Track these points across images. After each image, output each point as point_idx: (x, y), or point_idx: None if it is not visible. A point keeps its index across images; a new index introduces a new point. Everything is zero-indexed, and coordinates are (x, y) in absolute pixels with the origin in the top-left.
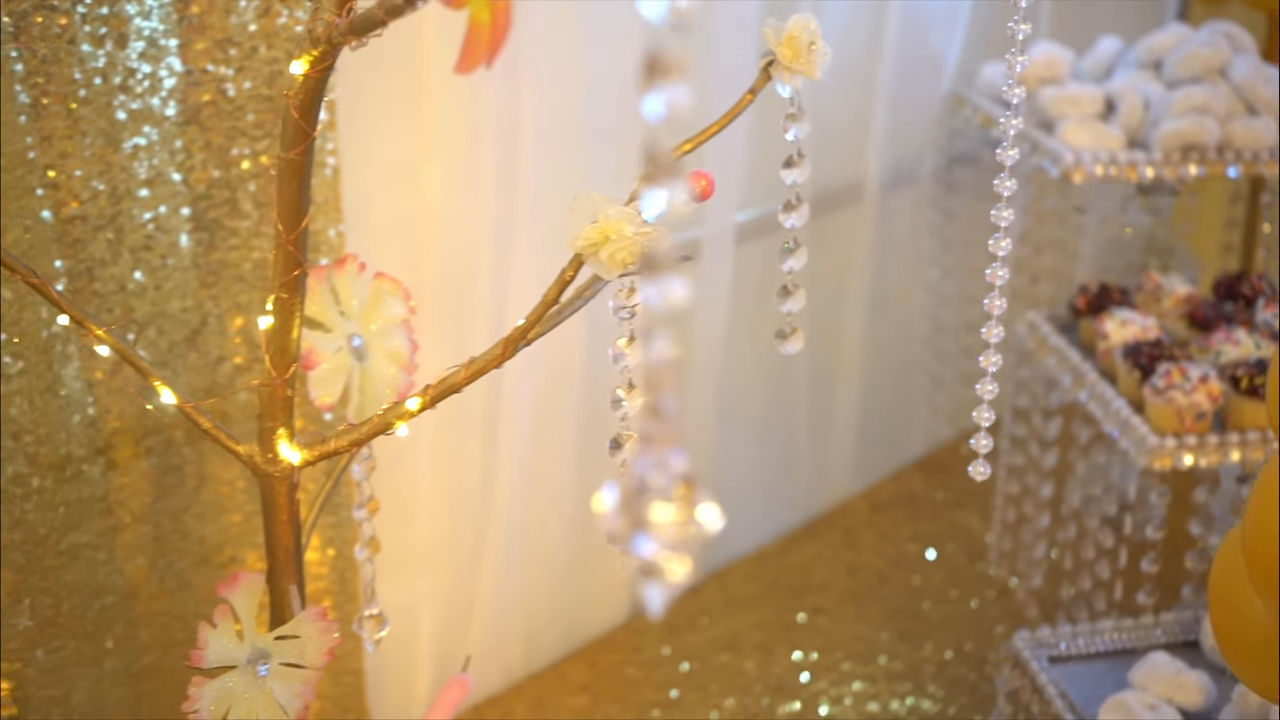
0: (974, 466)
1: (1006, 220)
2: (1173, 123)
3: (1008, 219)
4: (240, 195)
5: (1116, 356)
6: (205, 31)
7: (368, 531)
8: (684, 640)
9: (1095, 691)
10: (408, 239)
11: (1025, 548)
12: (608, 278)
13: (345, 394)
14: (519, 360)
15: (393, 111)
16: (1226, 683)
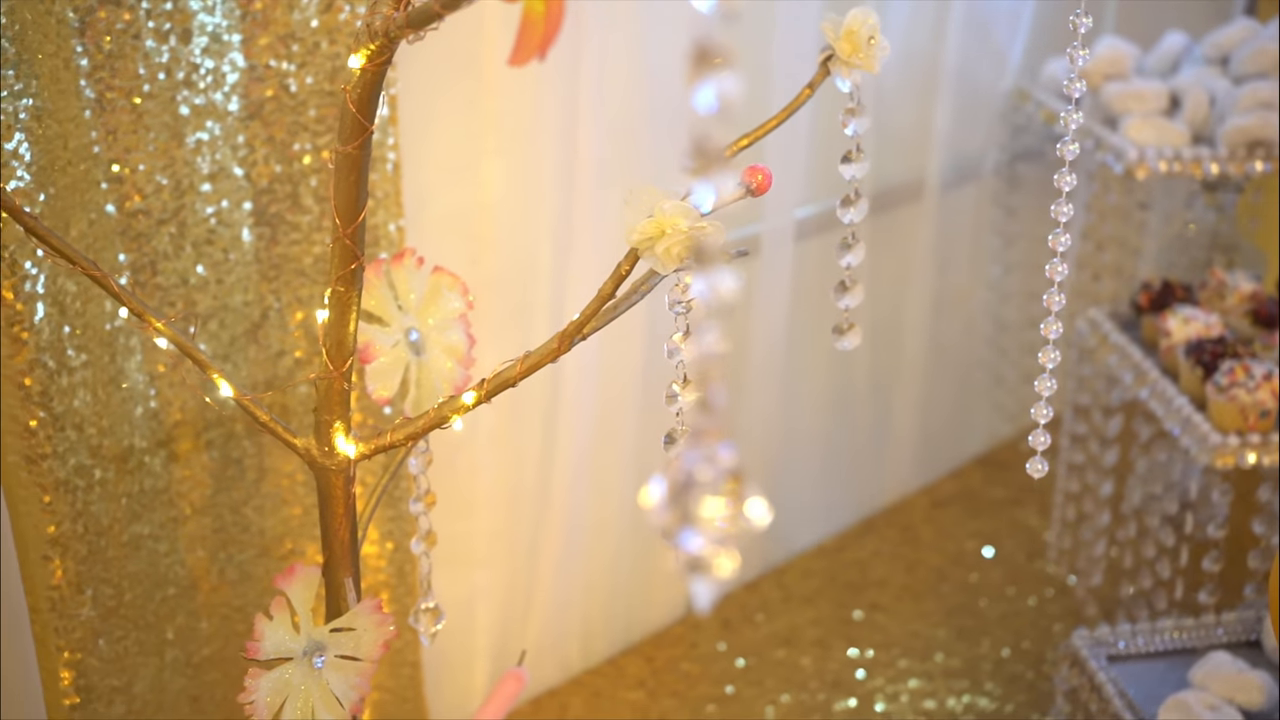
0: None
1: (1066, 215)
2: (1239, 118)
3: (1068, 214)
4: (302, 190)
5: (1179, 354)
6: (268, 27)
7: (425, 525)
8: (741, 636)
9: (1155, 691)
10: (467, 234)
11: (1084, 545)
12: (663, 272)
13: (403, 388)
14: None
15: (454, 107)
16: None
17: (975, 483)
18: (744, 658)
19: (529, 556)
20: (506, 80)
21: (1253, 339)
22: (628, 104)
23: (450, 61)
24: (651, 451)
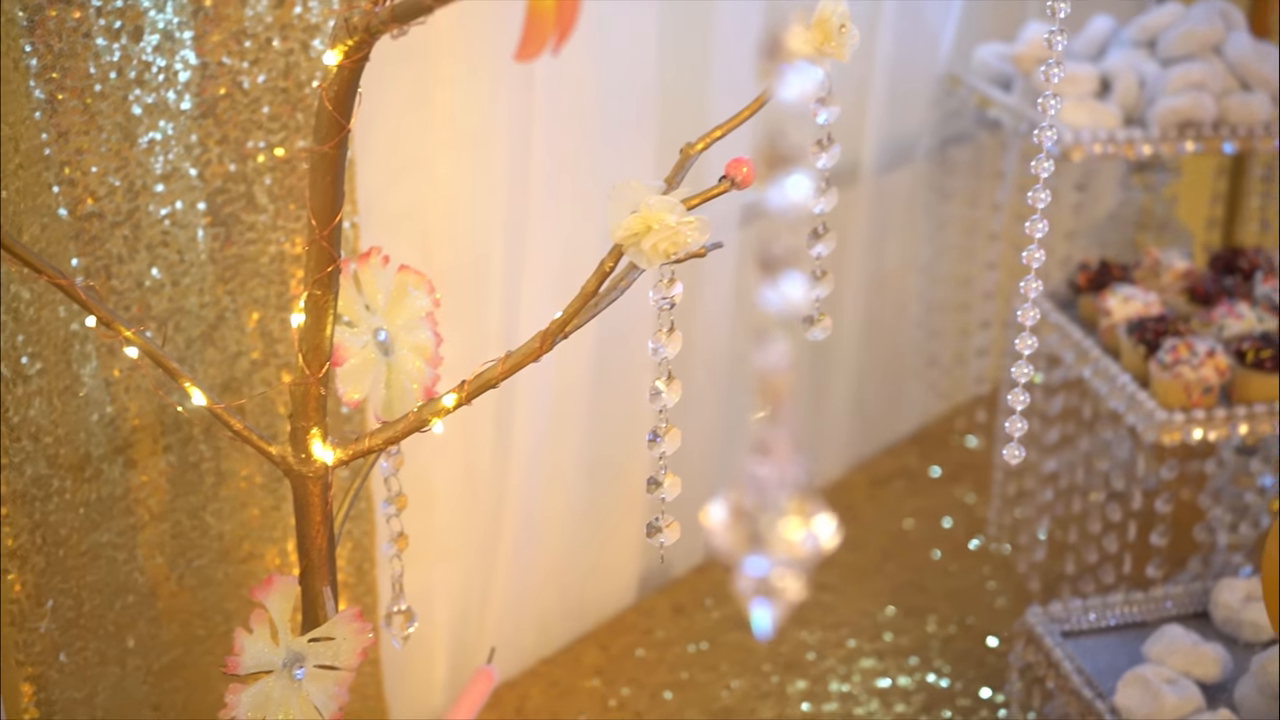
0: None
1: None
2: (1170, 100)
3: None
4: (256, 189)
5: (1120, 332)
6: (220, 24)
7: (396, 527)
8: (693, 621)
9: (1110, 665)
10: (421, 230)
11: (1026, 522)
12: (648, 268)
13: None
14: None
15: (404, 101)
16: (1241, 654)
17: (912, 461)
18: (697, 643)
19: (486, 551)
20: (458, 74)
21: (1190, 316)
22: (582, 97)
23: (400, 55)
24: (603, 443)
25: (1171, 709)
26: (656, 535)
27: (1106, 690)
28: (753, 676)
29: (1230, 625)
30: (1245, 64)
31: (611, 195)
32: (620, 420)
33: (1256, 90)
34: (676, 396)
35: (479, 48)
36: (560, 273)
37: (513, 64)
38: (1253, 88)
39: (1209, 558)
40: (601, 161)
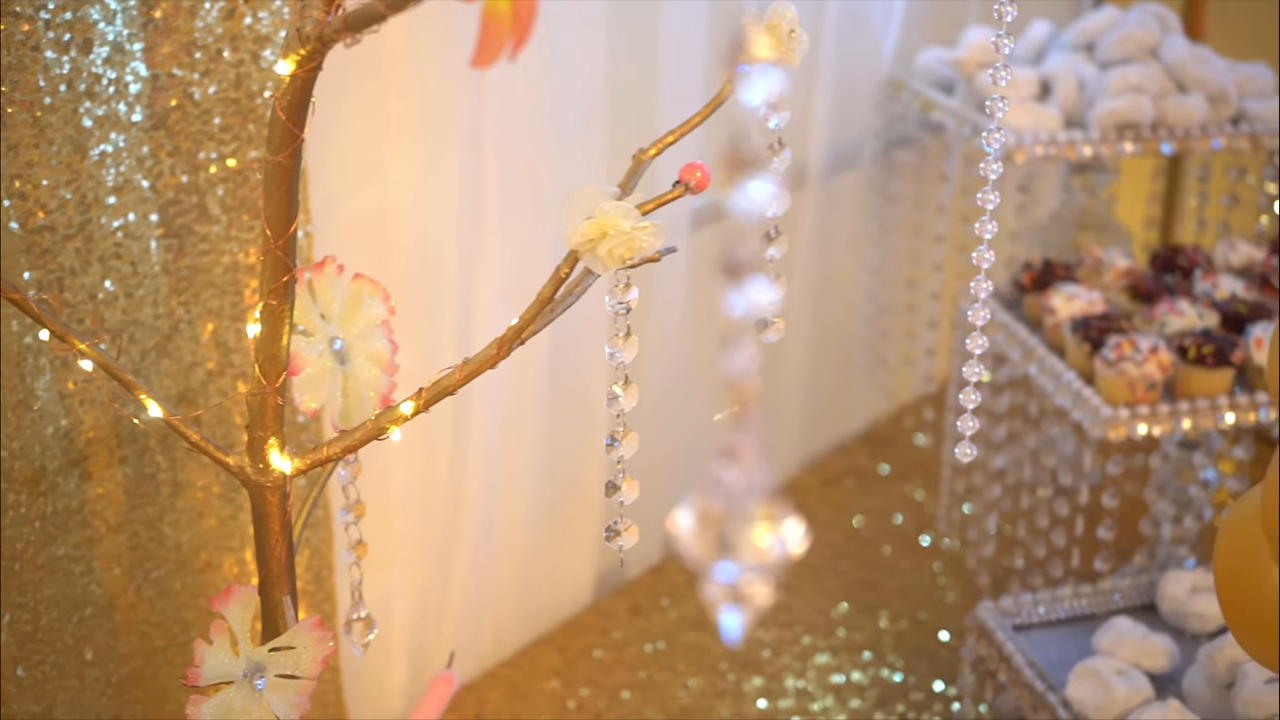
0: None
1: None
2: (1110, 102)
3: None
4: (209, 200)
5: (1065, 330)
6: (170, 35)
7: (355, 535)
8: (650, 621)
9: (1060, 657)
10: (374, 238)
11: (975, 518)
12: (603, 273)
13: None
14: None
15: (357, 110)
16: (1188, 644)
17: (862, 459)
18: (654, 643)
19: (443, 556)
20: (409, 82)
21: (1133, 313)
22: (532, 104)
23: (352, 63)
24: (557, 448)
25: (1122, 700)
26: (615, 539)
27: (1058, 682)
28: (710, 675)
29: (1177, 616)
30: (1181, 66)
31: (566, 202)
32: (574, 425)
33: (1193, 92)
34: (633, 401)
35: (429, 57)
36: (513, 278)
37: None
38: (1189, 90)
39: (1154, 551)
40: (552, 167)
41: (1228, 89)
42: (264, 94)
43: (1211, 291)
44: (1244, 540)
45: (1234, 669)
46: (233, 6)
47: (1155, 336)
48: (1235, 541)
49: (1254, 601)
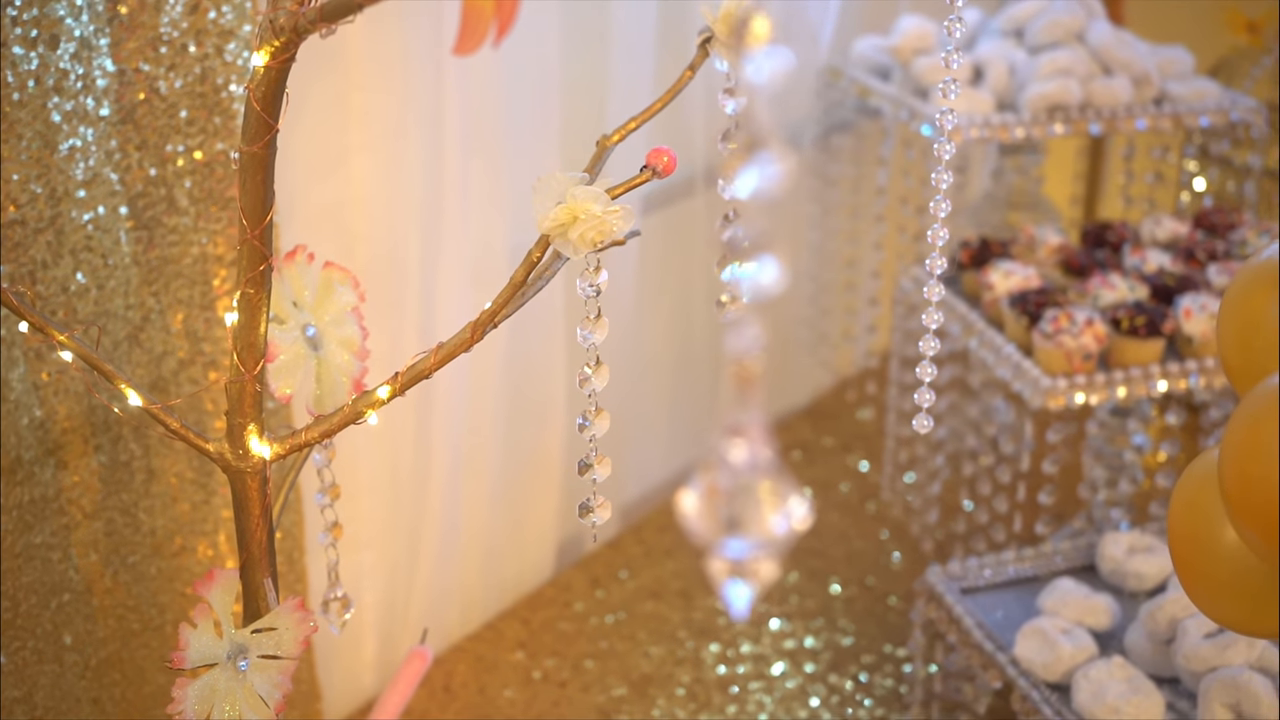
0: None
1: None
2: (1040, 85)
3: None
4: (177, 192)
5: (1003, 305)
6: (135, 31)
7: (330, 517)
8: (609, 592)
9: (1007, 618)
10: (339, 228)
11: (918, 487)
12: (575, 257)
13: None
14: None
15: (320, 102)
16: (1128, 603)
17: (805, 433)
18: (614, 614)
19: (410, 535)
20: (371, 74)
21: (1067, 288)
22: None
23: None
24: (517, 428)
25: (1068, 657)
26: (589, 515)
27: (1006, 642)
28: (669, 643)
29: (1116, 576)
30: (1106, 50)
31: (536, 188)
32: (532, 406)
33: (1118, 74)
34: (604, 381)
35: (390, 49)
36: (473, 263)
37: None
38: (1114, 73)
39: (1091, 514)
40: (509, 156)
41: (1150, 72)
42: (229, 87)
43: (1140, 265)
44: (1198, 502)
45: (1174, 625)
46: (196, 1)
47: (1090, 309)
48: (1189, 503)
49: (1208, 560)
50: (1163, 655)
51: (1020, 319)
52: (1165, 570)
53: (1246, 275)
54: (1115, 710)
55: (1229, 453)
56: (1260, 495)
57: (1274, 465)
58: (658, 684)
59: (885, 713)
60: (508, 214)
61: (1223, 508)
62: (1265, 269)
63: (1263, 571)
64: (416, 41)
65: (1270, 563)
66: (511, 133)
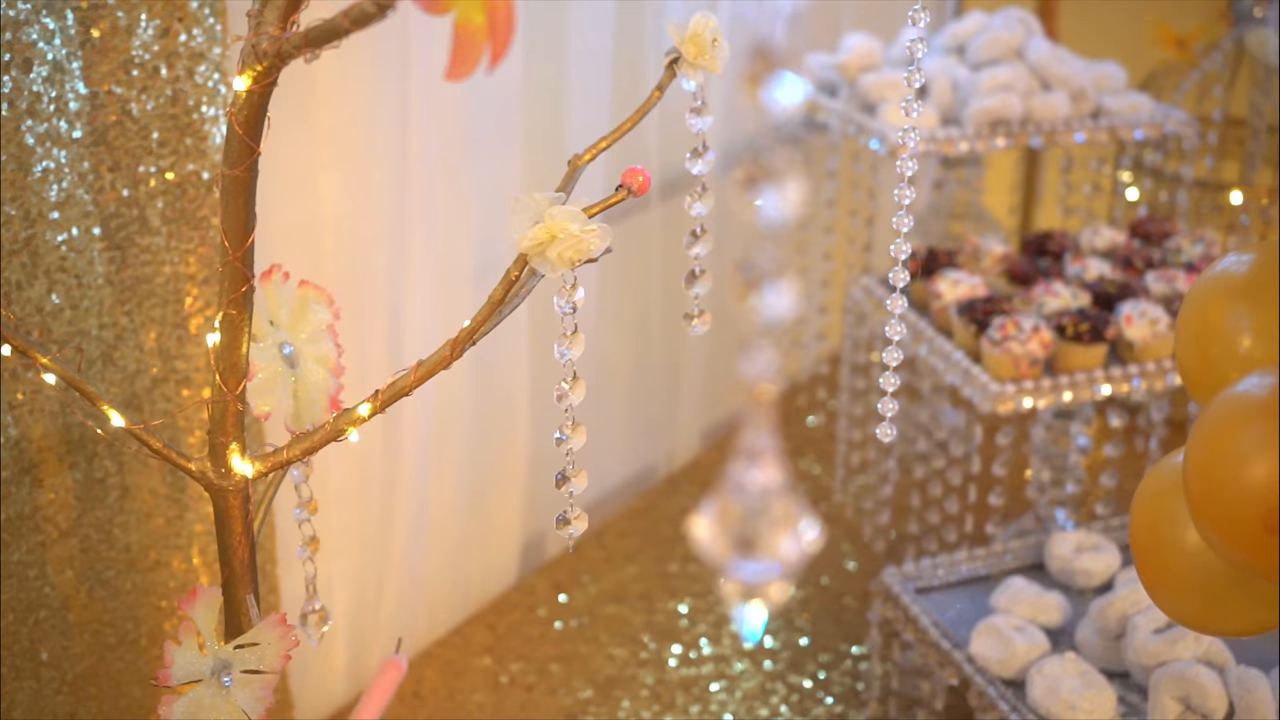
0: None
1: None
2: (982, 100)
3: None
4: (149, 213)
5: (951, 313)
6: (107, 54)
7: (309, 531)
8: (572, 597)
9: (961, 616)
10: (308, 246)
11: (870, 489)
12: (552, 275)
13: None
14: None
15: (288, 121)
16: (1076, 599)
17: None
18: (578, 617)
19: (379, 544)
20: (338, 93)
21: (1012, 295)
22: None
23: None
24: (482, 438)
25: (1022, 654)
26: (566, 527)
27: (961, 640)
28: (632, 645)
29: (1064, 574)
30: (1045, 66)
31: (514, 208)
32: (497, 416)
33: (1056, 90)
34: (580, 396)
35: (356, 68)
36: (440, 278)
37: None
38: (1052, 88)
39: (1039, 514)
40: (474, 176)
41: (1086, 86)
42: (200, 109)
43: (1081, 273)
44: (1160, 506)
45: (1124, 621)
46: (168, 25)
47: (1035, 317)
48: (1152, 505)
49: (1169, 561)
50: (1113, 650)
51: (968, 327)
52: (1111, 567)
53: (1203, 286)
54: (1069, 705)
55: (1194, 459)
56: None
57: (1238, 470)
58: (622, 685)
59: (844, 710)
60: (474, 230)
61: (1184, 511)
62: (1221, 280)
63: (1223, 572)
64: (383, 60)
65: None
66: (475, 149)
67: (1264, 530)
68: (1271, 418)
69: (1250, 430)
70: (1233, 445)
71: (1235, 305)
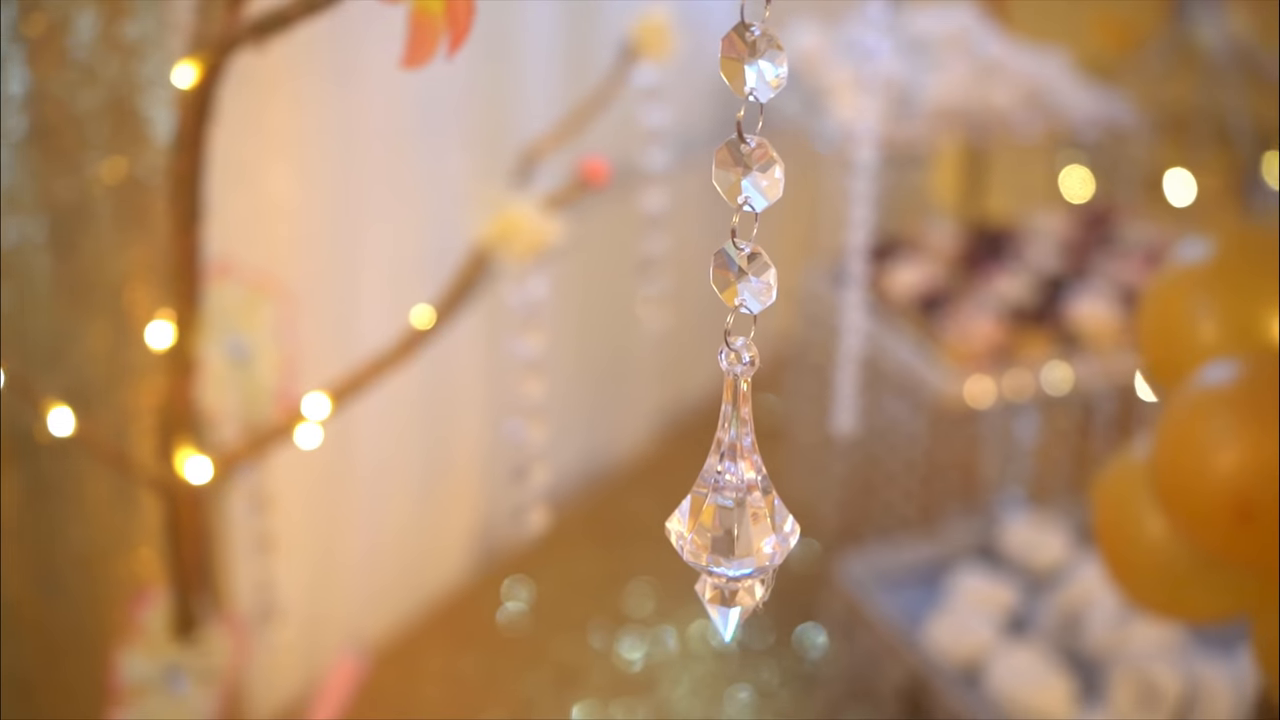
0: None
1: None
2: (932, 93)
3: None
4: (94, 210)
5: (903, 304)
6: (48, 50)
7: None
8: (524, 590)
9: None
10: (258, 243)
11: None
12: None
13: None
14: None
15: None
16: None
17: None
18: (533, 609)
19: (331, 540)
20: (285, 90)
21: (964, 284)
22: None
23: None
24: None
25: (976, 640)
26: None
27: (915, 627)
28: (585, 637)
29: (1015, 560)
30: (992, 60)
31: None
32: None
33: (1004, 82)
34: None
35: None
36: (391, 273)
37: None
38: (1001, 80)
39: (988, 500)
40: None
41: (1034, 78)
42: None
43: (1029, 261)
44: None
45: (1080, 609)
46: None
47: (985, 305)
48: (1115, 496)
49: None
50: (1069, 638)
51: (920, 316)
52: (1060, 551)
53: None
54: (1024, 691)
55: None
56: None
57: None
58: (575, 677)
59: (799, 696)
60: (424, 223)
61: (1148, 502)
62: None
63: (1186, 561)
64: (331, 53)
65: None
66: (422, 143)
67: (1235, 518)
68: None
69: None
70: (1200, 435)
71: (1195, 294)
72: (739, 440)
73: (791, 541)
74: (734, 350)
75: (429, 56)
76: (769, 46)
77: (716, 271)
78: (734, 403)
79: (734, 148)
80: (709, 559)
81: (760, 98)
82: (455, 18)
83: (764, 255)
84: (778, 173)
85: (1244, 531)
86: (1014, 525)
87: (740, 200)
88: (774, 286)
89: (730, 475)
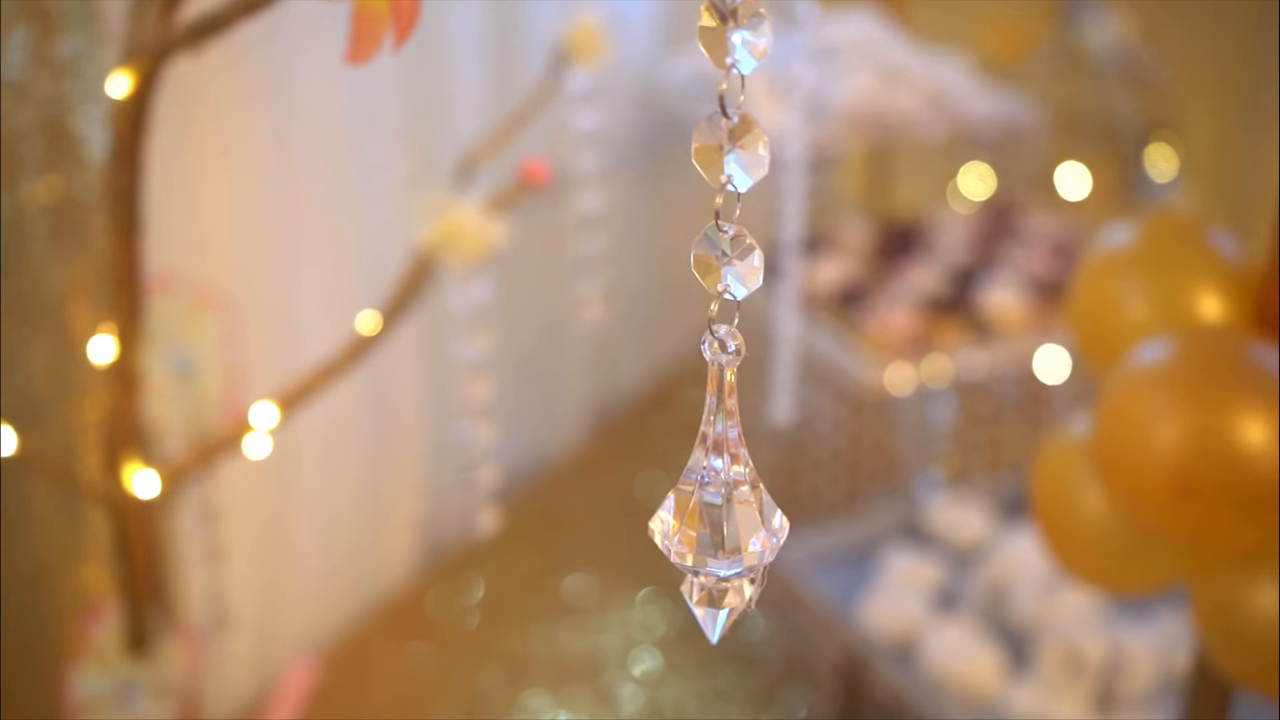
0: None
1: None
2: (842, 99)
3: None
4: (32, 228)
5: (826, 297)
6: None
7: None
8: (471, 584)
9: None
10: (194, 256)
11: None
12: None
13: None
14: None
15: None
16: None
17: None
18: (478, 603)
19: (278, 547)
20: (219, 102)
21: (881, 278)
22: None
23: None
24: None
25: (907, 617)
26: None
27: (847, 606)
28: (540, 627)
29: (939, 537)
30: (899, 65)
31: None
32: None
33: (910, 85)
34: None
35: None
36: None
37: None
38: (905, 85)
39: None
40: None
41: (938, 82)
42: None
43: (941, 255)
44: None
45: (1006, 583)
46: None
47: (902, 298)
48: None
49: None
50: (997, 611)
51: (840, 309)
52: (981, 528)
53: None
54: (956, 663)
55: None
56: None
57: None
58: (524, 667)
59: (737, 677)
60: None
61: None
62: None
63: (1123, 534)
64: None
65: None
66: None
67: (1174, 494)
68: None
69: (1154, 397)
70: (1139, 412)
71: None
72: (725, 433)
73: (782, 537)
74: (718, 339)
75: (374, 51)
76: (750, 14)
77: (698, 256)
78: (718, 394)
79: (715, 123)
80: (696, 559)
81: (743, 69)
82: (400, 12)
83: (749, 237)
84: (762, 149)
85: (1183, 506)
86: (936, 505)
87: (723, 179)
88: (760, 269)
89: (717, 470)
